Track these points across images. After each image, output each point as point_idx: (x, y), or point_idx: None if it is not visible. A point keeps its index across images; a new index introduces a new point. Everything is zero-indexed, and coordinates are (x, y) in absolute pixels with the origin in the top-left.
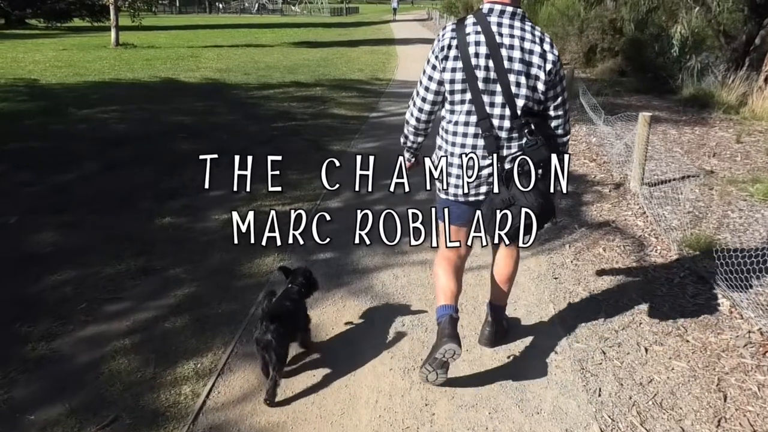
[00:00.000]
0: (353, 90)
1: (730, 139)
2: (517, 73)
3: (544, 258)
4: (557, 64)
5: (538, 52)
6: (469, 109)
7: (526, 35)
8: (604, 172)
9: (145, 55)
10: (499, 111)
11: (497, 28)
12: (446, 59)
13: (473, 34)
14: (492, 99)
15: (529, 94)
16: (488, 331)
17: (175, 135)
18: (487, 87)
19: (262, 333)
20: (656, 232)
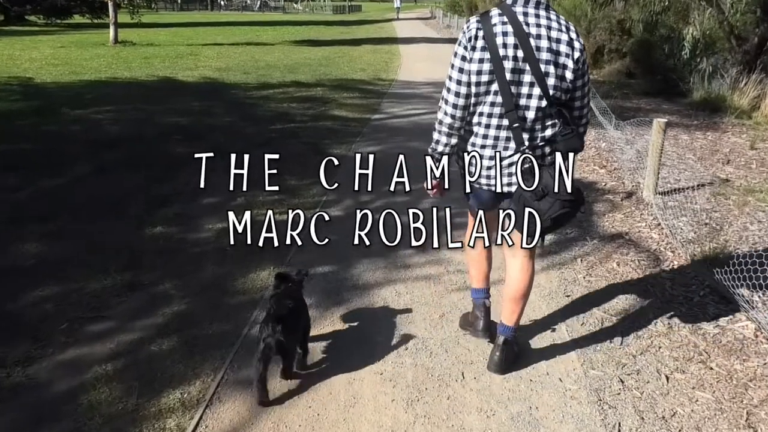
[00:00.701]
0: (355, 90)
1: (743, 145)
2: (545, 62)
3: (555, 273)
4: (583, 53)
5: (565, 40)
6: (494, 101)
7: (553, 24)
8: (615, 179)
9: (143, 53)
10: (526, 102)
11: (523, 17)
12: (473, 50)
13: (500, 25)
14: (520, 89)
15: (557, 84)
16: (498, 357)
17: (170, 137)
18: (514, 77)
19: (270, 334)
20: (672, 245)
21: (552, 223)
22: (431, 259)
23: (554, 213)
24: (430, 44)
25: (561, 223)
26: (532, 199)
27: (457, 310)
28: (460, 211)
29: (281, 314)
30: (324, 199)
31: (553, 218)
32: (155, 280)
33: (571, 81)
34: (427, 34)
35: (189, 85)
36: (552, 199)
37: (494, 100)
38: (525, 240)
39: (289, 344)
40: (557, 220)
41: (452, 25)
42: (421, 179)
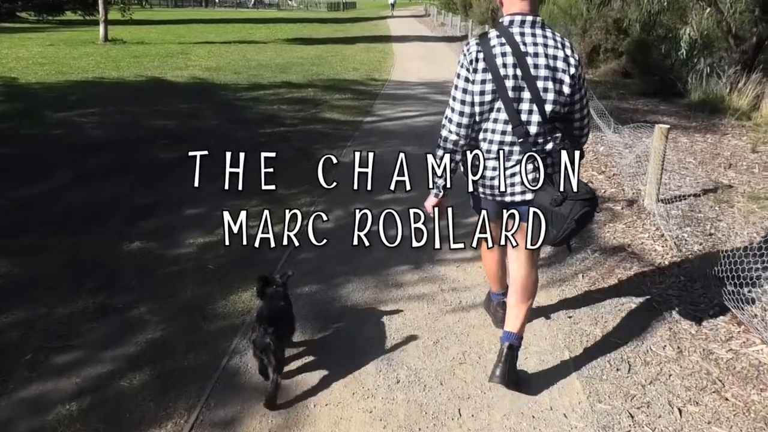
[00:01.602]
0: (347, 91)
1: (744, 148)
2: (543, 78)
3: (556, 291)
4: (579, 68)
5: (561, 56)
6: (497, 117)
7: (549, 42)
8: (615, 186)
9: (133, 51)
10: (527, 117)
11: (520, 38)
12: (475, 72)
13: (498, 46)
14: (520, 106)
15: (556, 98)
16: (501, 368)
17: (156, 141)
18: (515, 95)
19: (261, 336)
20: (677, 258)
21: (576, 224)
22: (425, 277)
23: (576, 214)
24: (424, 43)
25: (584, 224)
26: (552, 206)
27: (453, 335)
28: (456, 221)
29: (273, 316)
30: (313, 209)
31: (576, 219)
32: (130, 303)
33: (569, 95)
34: (421, 33)
35: (178, 85)
36: (572, 201)
37: (497, 116)
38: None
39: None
40: (580, 221)
41: (446, 23)
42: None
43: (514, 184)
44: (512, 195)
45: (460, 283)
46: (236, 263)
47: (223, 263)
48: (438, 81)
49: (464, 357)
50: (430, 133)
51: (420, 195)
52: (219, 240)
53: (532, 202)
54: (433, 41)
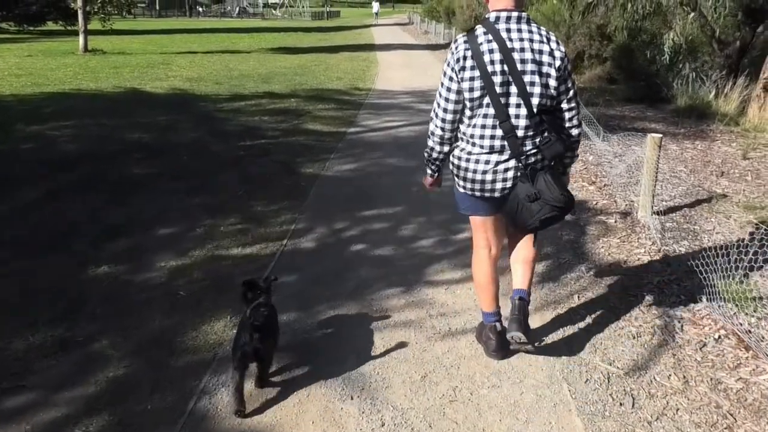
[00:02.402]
0: (330, 101)
1: (735, 154)
2: (530, 73)
3: (551, 315)
4: (565, 59)
5: (547, 50)
6: (487, 113)
7: (534, 36)
8: (607, 197)
9: (113, 62)
10: (515, 111)
11: (506, 33)
12: (463, 69)
13: (485, 43)
14: (509, 100)
15: (543, 92)
16: (517, 317)
17: (130, 155)
18: (503, 90)
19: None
20: (677, 275)
21: (540, 224)
22: (411, 301)
23: (543, 216)
24: (407, 51)
25: (548, 225)
26: (525, 200)
27: (442, 368)
28: (444, 239)
29: (259, 322)
30: (293, 228)
31: (541, 220)
32: (92, 335)
33: (555, 88)
34: (405, 41)
35: (157, 97)
36: (543, 202)
37: (487, 112)
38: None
39: (265, 351)
40: (545, 221)
41: (430, 31)
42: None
43: (506, 179)
44: (503, 191)
45: (449, 307)
46: (209, 289)
47: (195, 289)
48: (422, 89)
49: (455, 394)
50: (415, 144)
51: (405, 210)
52: (192, 263)
53: (513, 189)
54: (417, 49)
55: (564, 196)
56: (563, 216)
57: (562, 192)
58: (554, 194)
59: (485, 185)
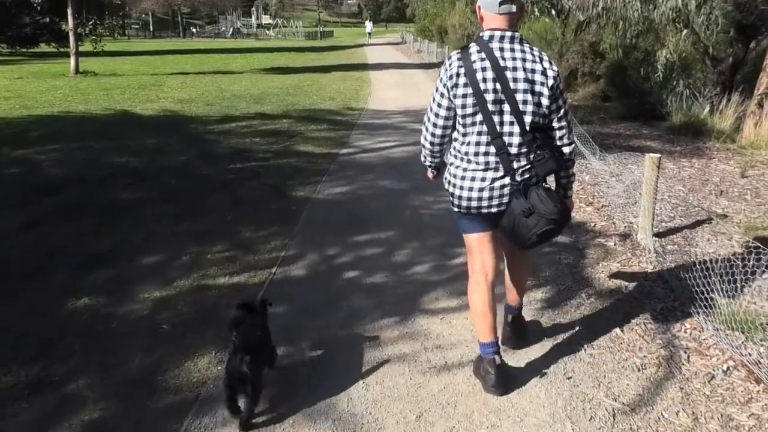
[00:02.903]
0: (323, 122)
1: (733, 173)
2: (522, 91)
3: (551, 346)
4: (557, 78)
5: (539, 70)
6: (481, 130)
7: (527, 56)
8: (605, 218)
9: (104, 84)
10: (509, 129)
11: (499, 52)
12: (456, 86)
13: (479, 61)
14: (502, 118)
15: (535, 110)
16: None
17: (117, 180)
18: (496, 108)
19: (237, 365)
20: (680, 302)
21: (537, 238)
22: (405, 333)
23: (539, 230)
24: (400, 70)
25: (546, 239)
26: (521, 216)
27: (438, 406)
28: (439, 265)
29: (249, 345)
30: (283, 254)
31: (538, 234)
32: (69, 375)
33: (547, 106)
34: (398, 60)
35: (147, 119)
36: (538, 216)
37: (480, 129)
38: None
39: (254, 376)
40: (542, 236)
41: (423, 50)
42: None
43: (502, 195)
44: (499, 207)
45: (444, 339)
46: (193, 323)
47: (179, 322)
48: (415, 109)
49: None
50: (409, 164)
51: (398, 234)
52: (177, 294)
53: (509, 206)
54: (410, 68)
55: (558, 208)
56: (560, 229)
57: (556, 204)
58: (548, 207)
59: (482, 202)
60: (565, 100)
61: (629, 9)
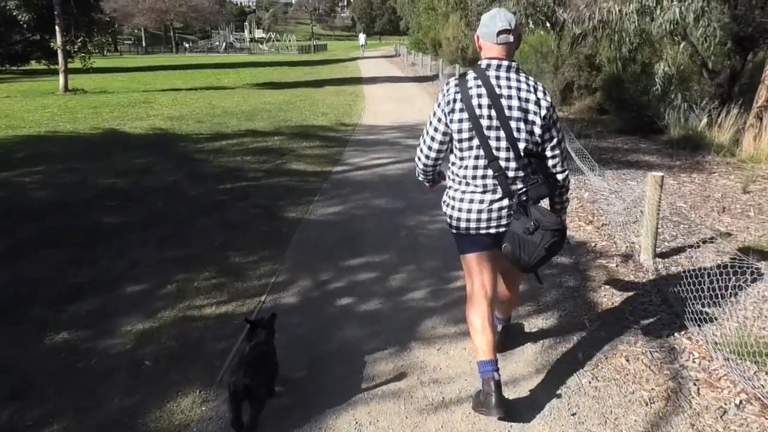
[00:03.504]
0: (315, 138)
1: (734, 188)
2: (516, 119)
3: (554, 379)
4: (550, 109)
5: (533, 100)
6: (477, 154)
7: (522, 86)
8: (606, 238)
9: (93, 101)
10: (505, 154)
11: (495, 81)
12: (453, 112)
13: (475, 88)
14: (498, 144)
15: (528, 138)
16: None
17: (102, 203)
18: (491, 133)
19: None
20: (687, 330)
21: (546, 252)
22: (400, 365)
23: (546, 243)
24: (394, 83)
25: (554, 252)
26: (525, 234)
27: None
28: (436, 290)
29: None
30: (273, 281)
31: (546, 248)
32: (43, 419)
33: (540, 135)
34: (392, 73)
35: (135, 137)
36: (543, 231)
37: (478, 153)
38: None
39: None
40: (550, 249)
41: (417, 63)
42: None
43: (501, 217)
44: (498, 228)
45: (442, 372)
46: (177, 358)
47: (162, 357)
48: (410, 124)
49: None
50: (403, 182)
51: (393, 257)
52: (161, 326)
53: (509, 228)
54: (404, 81)
55: (560, 218)
56: (563, 241)
57: (558, 215)
58: (551, 219)
59: (481, 223)
60: (558, 130)
61: (626, 22)
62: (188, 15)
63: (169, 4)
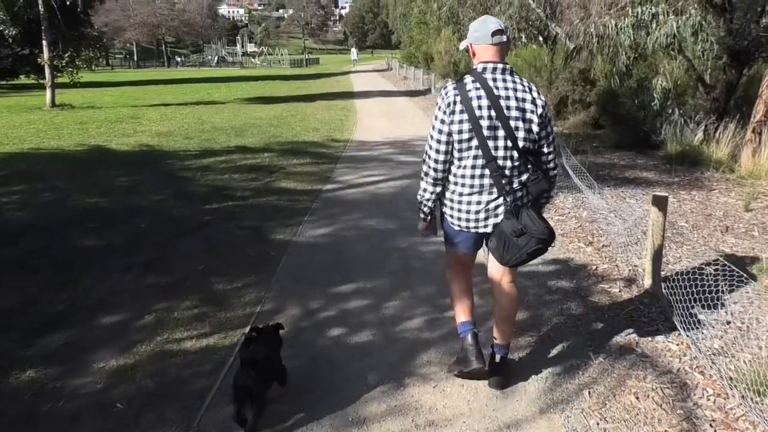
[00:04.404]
0: (306, 155)
1: (736, 206)
2: (515, 119)
3: (559, 419)
4: (545, 108)
5: (529, 99)
6: (476, 154)
7: (518, 86)
8: (607, 260)
9: (80, 117)
10: (503, 153)
11: (493, 83)
12: (453, 113)
13: (474, 90)
14: (496, 143)
15: (526, 136)
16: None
17: (83, 224)
18: (491, 133)
19: (242, 378)
20: (698, 361)
21: (527, 257)
22: (394, 406)
23: (530, 249)
24: (387, 98)
25: (535, 257)
26: (512, 236)
27: None
28: (431, 319)
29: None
30: (258, 310)
31: (528, 253)
32: None
33: (537, 132)
34: (384, 87)
35: (121, 155)
36: (529, 236)
37: (476, 153)
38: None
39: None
40: (532, 254)
41: (409, 77)
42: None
43: (497, 215)
44: (495, 226)
45: (438, 412)
46: (152, 399)
47: (136, 398)
48: (403, 139)
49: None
50: (396, 202)
51: (385, 283)
52: (136, 362)
53: (498, 226)
54: (396, 96)
55: (547, 228)
56: (546, 249)
57: (546, 225)
58: (539, 227)
59: (479, 222)
60: (552, 127)
61: (622, 36)
62: (180, 29)
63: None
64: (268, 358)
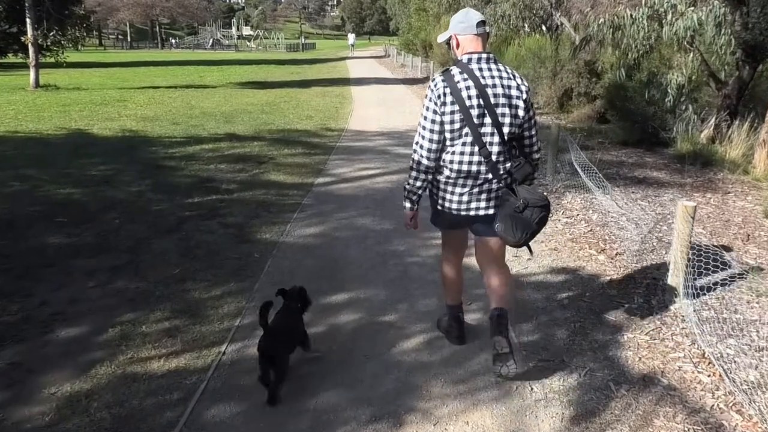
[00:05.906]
0: (298, 145)
1: (754, 211)
2: (502, 105)
3: None
4: (528, 93)
5: (514, 86)
6: (466, 141)
7: (503, 74)
8: (622, 271)
9: (64, 99)
10: (490, 139)
11: (479, 72)
12: (444, 105)
13: (462, 81)
14: (485, 129)
15: (512, 122)
16: (493, 324)
17: (51, 219)
18: (480, 121)
19: (266, 343)
20: (734, 396)
21: (537, 226)
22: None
23: (536, 218)
24: (383, 85)
25: (542, 225)
26: (516, 213)
27: None
28: (430, 338)
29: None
30: (237, 324)
31: (536, 223)
32: None
33: (523, 117)
34: (381, 74)
35: (101, 140)
36: (532, 208)
37: (465, 140)
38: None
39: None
40: (539, 223)
41: (407, 64)
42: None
43: (480, 200)
44: (477, 210)
45: None
46: None
47: None
48: (399, 130)
49: None
50: (392, 198)
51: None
52: (93, 387)
53: (500, 210)
54: (394, 83)
55: (542, 193)
56: (548, 215)
57: (541, 192)
58: (537, 195)
59: (461, 205)
60: (534, 111)
61: (636, 26)
62: (175, 10)
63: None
64: (289, 324)
